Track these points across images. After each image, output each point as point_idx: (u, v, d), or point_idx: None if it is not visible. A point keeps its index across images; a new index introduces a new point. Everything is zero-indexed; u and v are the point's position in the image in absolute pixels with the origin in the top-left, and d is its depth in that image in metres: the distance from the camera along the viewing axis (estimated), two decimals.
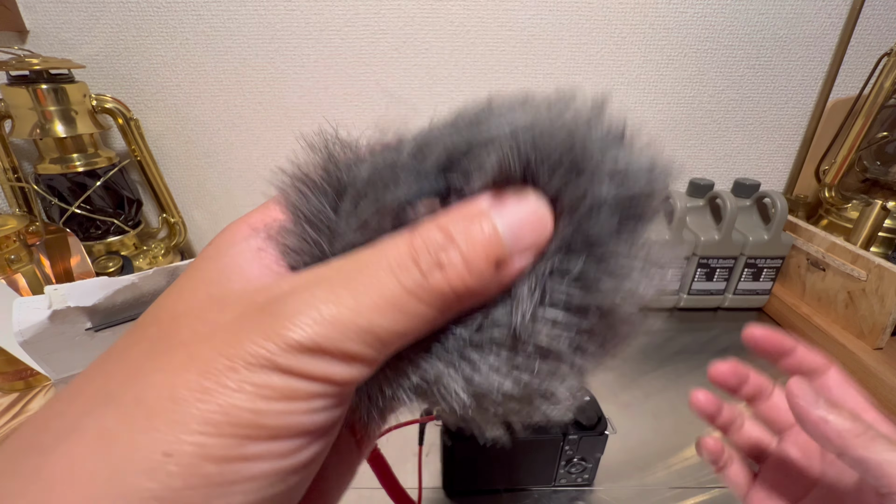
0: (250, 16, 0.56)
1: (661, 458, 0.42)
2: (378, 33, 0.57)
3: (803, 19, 0.58)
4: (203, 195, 0.68)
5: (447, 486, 0.38)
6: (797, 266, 0.61)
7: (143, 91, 0.60)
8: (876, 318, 0.51)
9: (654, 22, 0.57)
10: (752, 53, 0.60)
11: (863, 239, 0.57)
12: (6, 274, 0.45)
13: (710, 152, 0.67)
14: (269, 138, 0.63)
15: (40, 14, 0.55)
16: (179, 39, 0.57)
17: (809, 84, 0.62)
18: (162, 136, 0.63)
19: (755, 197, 0.62)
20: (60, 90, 0.52)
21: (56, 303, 0.30)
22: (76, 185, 0.56)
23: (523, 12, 0.56)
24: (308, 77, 0.59)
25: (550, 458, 0.36)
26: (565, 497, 0.38)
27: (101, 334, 0.33)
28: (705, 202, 0.62)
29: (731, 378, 0.29)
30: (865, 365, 0.49)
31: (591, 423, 0.34)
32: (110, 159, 0.58)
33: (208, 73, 0.59)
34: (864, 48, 0.60)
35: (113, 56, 0.58)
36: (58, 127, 0.52)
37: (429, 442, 0.43)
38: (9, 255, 0.45)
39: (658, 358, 0.56)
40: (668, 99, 0.62)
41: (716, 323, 0.63)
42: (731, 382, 0.29)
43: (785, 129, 0.65)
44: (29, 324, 0.29)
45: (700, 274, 0.62)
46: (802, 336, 0.58)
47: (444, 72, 0.59)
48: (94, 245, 0.59)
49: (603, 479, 0.39)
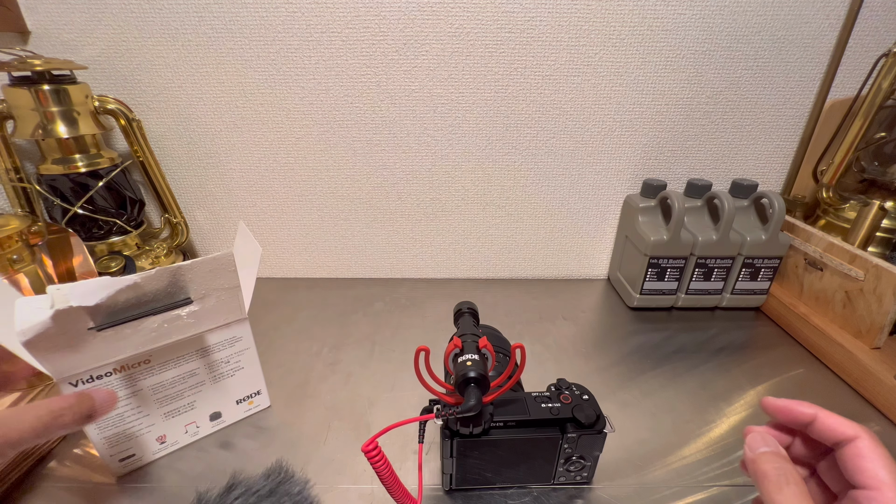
0: (252, 18, 0.56)
1: (660, 456, 0.42)
2: (379, 35, 0.57)
3: (801, 20, 0.59)
4: (205, 195, 0.68)
5: (447, 485, 0.38)
6: (795, 266, 0.62)
7: (145, 92, 0.60)
8: (874, 318, 0.51)
9: (653, 24, 0.58)
10: (750, 55, 0.60)
11: (860, 239, 0.57)
12: (8, 274, 0.45)
13: (708, 153, 0.67)
14: (270, 139, 0.63)
15: (42, 15, 0.55)
16: (181, 41, 0.57)
17: (807, 85, 0.63)
18: (164, 136, 0.63)
19: (753, 197, 0.62)
20: (62, 91, 0.52)
21: (58, 302, 0.30)
22: (78, 185, 0.56)
23: (522, 14, 0.57)
24: (309, 79, 0.60)
25: (549, 456, 0.36)
26: (564, 495, 0.38)
27: (102, 334, 0.33)
28: (703, 202, 0.63)
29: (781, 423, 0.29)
30: (863, 364, 0.50)
31: (590, 421, 0.34)
32: (112, 160, 0.58)
33: (210, 75, 0.59)
34: (862, 49, 0.60)
35: (115, 57, 0.58)
36: (60, 128, 0.53)
37: (429, 440, 0.43)
38: (11, 255, 0.46)
39: (656, 357, 0.56)
40: (666, 100, 0.63)
41: (714, 322, 0.63)
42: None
43: (783, 129, 0.66)
44: (31, 324, 0.30)
45: (698, 274, 0.62)
46: (801, 336, 0.59)
47: (444, 73, 0.60)
48: (96, 245, 0.59)
49: (602, 478, 0.40)
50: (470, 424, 0.33)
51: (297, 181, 0.67)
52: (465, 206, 0.69)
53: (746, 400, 0.49)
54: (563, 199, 0.69)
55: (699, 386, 0.51)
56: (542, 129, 0.64)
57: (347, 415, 0.47)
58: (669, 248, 0.60)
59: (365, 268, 0.74)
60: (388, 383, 0.51)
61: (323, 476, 0.40)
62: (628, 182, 0.68)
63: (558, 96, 0.62)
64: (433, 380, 0.33)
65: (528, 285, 0.73)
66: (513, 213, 0.70)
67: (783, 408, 0.27)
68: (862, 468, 0.23)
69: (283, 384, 0.51)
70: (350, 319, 0.63)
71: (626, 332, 0.61)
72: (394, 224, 0.70)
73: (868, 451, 0.24)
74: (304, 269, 0.74)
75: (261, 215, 0.70)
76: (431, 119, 0.62)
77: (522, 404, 0.36)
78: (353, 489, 0.39)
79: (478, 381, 0.32)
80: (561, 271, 0.75)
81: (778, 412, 0.27)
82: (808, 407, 0.26)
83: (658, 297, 0.64)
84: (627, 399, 0.49)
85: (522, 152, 0.65)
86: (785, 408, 0.27)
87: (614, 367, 0.54)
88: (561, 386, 0.37)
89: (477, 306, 0.43)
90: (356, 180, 0.67)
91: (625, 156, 0.66)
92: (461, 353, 0.33)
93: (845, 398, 0.50)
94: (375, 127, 0.63)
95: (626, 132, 0.65)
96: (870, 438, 0.24)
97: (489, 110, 0.62)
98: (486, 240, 0.72)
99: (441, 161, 0.66)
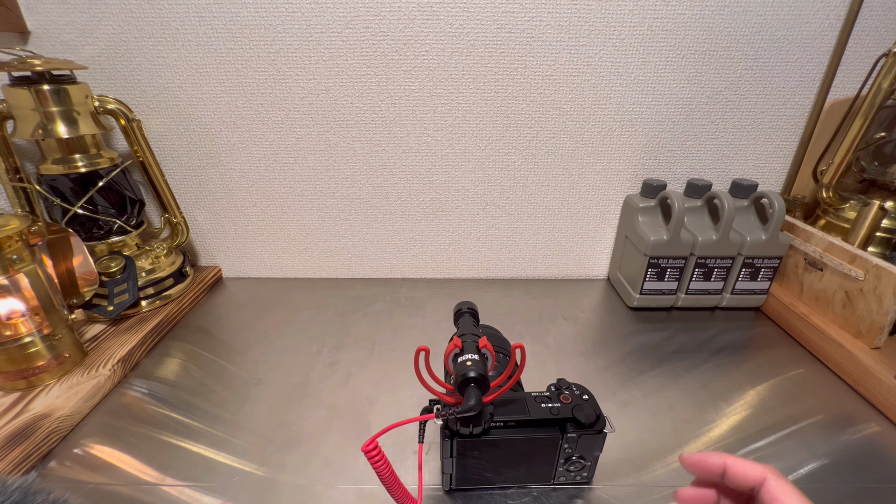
0: (252, 18, 0.56)
1: (660, 456, 0.42)
2: (379, 35, 0.57)
3: (801, 21, 0.59)
4: (205, 195, 0.68)
5: (447, 485, 0.38)
6: (795, 266, 0.62)
7: (145, 92, 0.60)
8: (873, 318, 0.51)
9: (653, 24, 0.58)
10: (750, 55, 0.60)
11: (860, 239, 0.57)
12: (8, 274, 0.45)
13: (708, 153, 0.67)
14: (270, 139, 0.63)
15: (42, 15, 0.55)
16: (181, 41, 0.57)
17: (807, 85, 0.63)
18: (164, 136, 0.63)
19: (753, 197, 0.62)
20: (62, 91, 0.52)
21: None
22: (78, 185, 0.56)
23: (522, 14, 0.57)
24: (309, 79, 0.60)
25: (549, 456, 0.36)
26: (564, 495, 0.38)
27: None
28: (703, 202, 0.63)
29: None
30: (863, 364, 0.50)
31: (590, 421, 0.34)
32: (112, 160, 0.58)
33: (210, 75, 0.59)
34: (862, 49, 0.60)
35: (115, 57, 0.58)
36: (60, 128, 0.53)
37: (429, 440, 0.43)
38: (11, 255, 0.46)
39: (656, 357, 0.56)
40: (666, 100, 0.63)
41: (713, 322, 0.63)
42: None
43: (782, 129, 0.66)
44: None
45: (698, 274, 0.62)
46: (801, 336, 0.59)
47: (444, 73, 0.60)
48: (96, 245, 0.59)
49: (601, 478, 0.40)
50: (470, 424, 0.33)
51: (297, 181, 0.67)
52: (465, 206, 0.69)
53: (746, 400, 0.49)
54: (563, 199, 0.69)
55: (699, 386, 0.51)
56: (542, 129, 0.64)
57: (347, 415, 0.47)
58: (669, 248, 0.60)
59: (365, 268, 0.74)
60: (388, 383, 0.51)
61: (323, 476, 0.40)
62: (628, 182, 0.68)
63: (558, 96, 0.62)
64: (433, 380, 0.33)
65: (528, 285, 0.73)
66: (513, 213, 0.70)
67: (696, 462, 0.28)
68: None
69: (283, 384, 0.51)
70: (350, 319, 0.63)
71: (626, 332, 0.61)
72: (394, 224, 0.70)
73: (779, 492, 0.25)
74: (304, 269, 0.74)
75: (261, 215, 0.70)
76: (431, 119, 0.62)
77: (522, 404, 0.36)
78: (353, 489, 0.39)
79: (478, 381, 0.32)
80: (561, 271, 0.75)
81: (691, 467, 0.28)
82: (718, 457, 0.27)
83: (658, 297, 0.64)
84: (627, 399, 0.49)
85: (522, 152, 0.65)
86: (698, 461, 0.28)
87: (614, 367, 0.54)
88: (561, 386, 0.37)
89: (477, 306, 0.43)
90: (356, 180, 0.67)
91: (625, 156, 0.66)
92: (461, 353, 0.33)
93: (845, 398, 0.50)
94: (375, 127, 0.63)
95: (626, 132, 0.65)
96: (776, 478, 0.25)
97: (489, 110, 0.62)
98: (486, 240, 0.72)
99: (441, 161, 0.66)
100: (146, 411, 0.47)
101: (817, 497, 0.37)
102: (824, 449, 0.43)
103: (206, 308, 0.66)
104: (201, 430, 0.45)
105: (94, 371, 0.50)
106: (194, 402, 0.48)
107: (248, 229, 0.71)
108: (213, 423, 0.46)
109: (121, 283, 0.58)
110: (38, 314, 0.47)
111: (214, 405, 0.48)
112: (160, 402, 0.49)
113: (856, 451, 0.43)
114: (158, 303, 0.62)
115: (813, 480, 0.40)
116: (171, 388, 0.51)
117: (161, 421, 0.46)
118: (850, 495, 0.39)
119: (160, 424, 0.46)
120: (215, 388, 0.51)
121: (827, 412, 0.48)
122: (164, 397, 0.49)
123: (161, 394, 0.50)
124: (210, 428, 0.45)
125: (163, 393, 0.50)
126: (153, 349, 0.57)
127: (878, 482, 0.40)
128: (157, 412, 0.47)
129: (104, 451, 0.42)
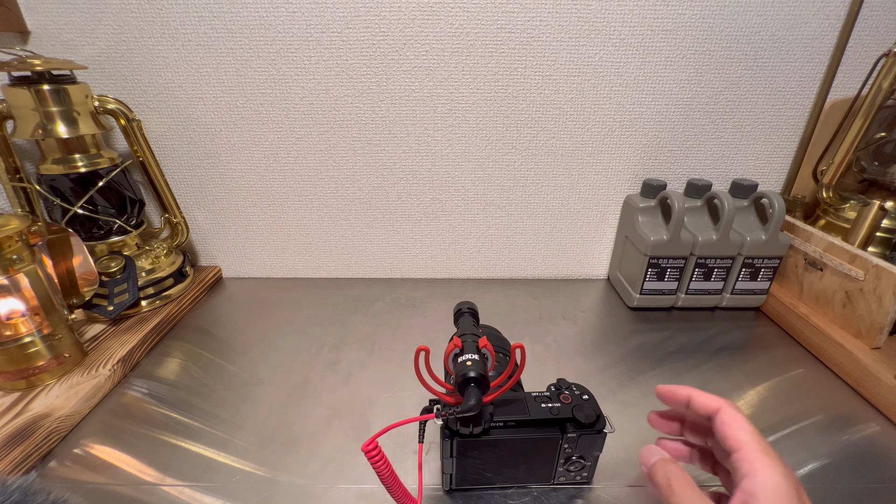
0: (252, 18, 0.56)
1: None
2: (379, 35, 0.57)
3: (801, 21, 0.59)
4: (205, 195, 0.68)
5: (447, 485, 0.38)
6: (795, 266, 0.62)
7: (145, 92, 0.60)
8: (874, 318, 0.51)
9: (653, 24, 0.58)
10: (750, 55, 0.60)
11: (860, 239, 0.57)
12: (8, 274, 0.45)
13: (708, 153, 0.67)
14: (270, 139, 0.63)
15: (42, 15, 0.55)
16: (181, 41, 0.57)
17: (807, 85, 0.63)
18: (164, 136, 0.63)
19: (753, 197, 0.62)
20: (62, 91, 0.52)
21: None
22: (78, 185, 0.56)
23: (522, 14, 0.57)
24: (309, 79, 0.60)
25: (549, 456, 0.36)
26: (564, 495, 0.38)
27: None
28: (703, 202, 0.63)
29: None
30: (863, 364, 0.50)
31: (590, 421, 0.34)
32: (112, 160, 0.58)
33: (210, 75, 0.59)
34: (862, 49, 0.60)
35: (115, 57, 0.58)
36: (60, 128, 0.53)
37: (429, 440, 0.43)
38: (11, 255, 0.45)
39: (656, 357, 0.56)
40: (666, 100, 0.63)
41: (713, 322, 0.63)
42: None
43: (783, 129, 0.66)
44: None
45: (698, 274, 0.62)
46: (801, 336, 0.59)
47: (444, 73, 0.60)
48: (96, 245, 0.59)
49: (601, 478, 0.40)
50: (470, 424, 0.33)
51: (297, 181, 0.67)
52: (465, 206, 0.69)
53: (746, 400, 0.49)
54: (563, 199, 0.69)
55: (699, 386, 0.50)
56: (542, 129, 0.64)
57: (347, 415, 0.47)
58: (669, 248, 0.60)
59: (365, 268, 0.74)
60: (388, 383, 0.51)
61: (323, 476, 0.40)
62: (628, 182, 0.68)
63: (558, 96, 0.62)
64: (433, 380, 0.33)
65: (528, 285, 0.73)
66: (513, 213, 0.70)
67: (666, 392, 0.33)
68: (727, 435, 0.27)
69: (283, 384, 0.51)
70: (350, 319, 0.63)
71: (626, 332, 0.61)
72: (394, 224, 0.70)
73: (730, 418, 0.28)
74: (304, 269, 0.74)
75: (261, 215, 0.70)
76: (431, 119, 0.62)
77: (522, 404, 0.36)
78: (353, 489, 0.39)
79: (478, 381, 0.32)
80: (561, 271, 0.75)
81: (662, 397, 0.33)
82: (685, 389, 0.32)
83: (658, 297, 0.64)
84: (627, 399, 0.49)
85: (522, 152, 0.65)
86: (668, 392, 0.33)
87: (614, 367, 0.54)
88: (561, 386, 0.37)
89: (477, 306, 0.43)
90: (356, 180, 0.67)
91: (625, 156, 0.66)
92: (461, 353, 0.33)
93: (845, 398, 0.50)
94: (375, 127, 0.63)
95: (626, 132, 0.65)
96: (730, 407, 0.29)
97: (489, 110, 0.62)
98: (486, 240, 0.72)
99: (441, 161, 0.66)
100: (146, 411, 0.47)
101: (817, 497, 0.37)
102: (824, 449, 0.43)
103: (206, 308, 0.66)
104: (201, 430, 0.45)
105: (94, 371, 0.50)
106: (194, 401, 0.48)
107: (248, 229, 0.71)
108: (213, 423, 0.46)
109: (121, 283, 0.58)
110: (38, 314, 0.47)
111: (214, 405, 0.48)
112: (160, 401, 0.49)
113: (856, 451, 0.43)
114: (158, 303, 0.62)
115: (813, 480, 0.40)
116: (171, 388, 0.51)
117: (161, 421, 0.46)
118: (850, 495, 0.39)
119: (160, 424, 0.46)
120: (215, 388, 0.51)
121: (827, 412, 0.48)
122: (164, 397, 0.49)
123: (161, 394, 0.50)
124: (210, 428, 0.45)
125: (163, 393, 0.50)
126: (153, 349, 0.57)
127: (878, 482, 0.40)
128: (157, 412, 0.47)
129: (104, 451, 0.42)
